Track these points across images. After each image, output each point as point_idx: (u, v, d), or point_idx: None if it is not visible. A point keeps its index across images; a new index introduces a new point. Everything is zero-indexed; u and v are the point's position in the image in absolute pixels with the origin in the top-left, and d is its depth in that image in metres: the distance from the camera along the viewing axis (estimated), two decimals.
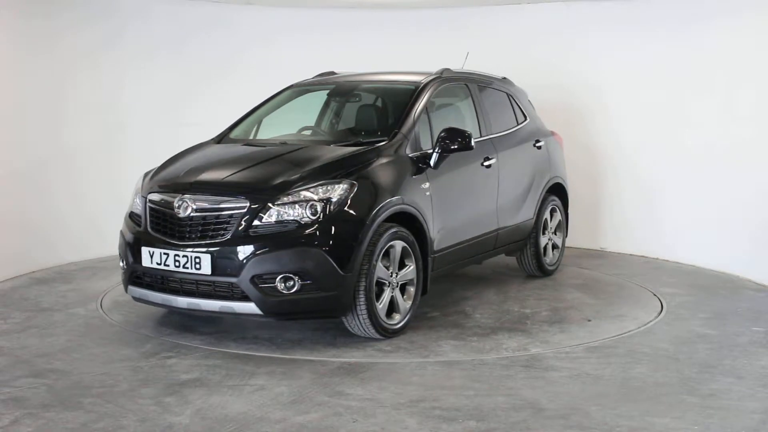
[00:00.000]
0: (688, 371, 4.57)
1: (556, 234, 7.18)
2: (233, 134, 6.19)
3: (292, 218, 4.77)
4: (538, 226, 6.82)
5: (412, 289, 5.25)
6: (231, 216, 4.80)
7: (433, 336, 5.21)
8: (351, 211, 4.86)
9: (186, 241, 4.85)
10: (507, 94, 6.87)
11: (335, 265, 4.73)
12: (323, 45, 8.41)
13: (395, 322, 5.15)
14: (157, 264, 4.91)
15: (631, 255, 7.99)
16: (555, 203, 7.12)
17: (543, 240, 6.94)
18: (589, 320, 5.47)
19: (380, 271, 4.97)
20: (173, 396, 4.11)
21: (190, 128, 7.23)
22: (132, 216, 5.33)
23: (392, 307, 5.16)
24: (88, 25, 7.58)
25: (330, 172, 4.99)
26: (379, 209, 4.96)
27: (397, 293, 5.15)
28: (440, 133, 5.55)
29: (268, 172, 5.04)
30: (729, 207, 7.18)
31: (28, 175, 7.05)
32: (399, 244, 5.10)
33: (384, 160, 5.24)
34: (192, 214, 4.89)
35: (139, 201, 5.29)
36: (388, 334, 5.08)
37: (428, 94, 5.85)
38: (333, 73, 6.76)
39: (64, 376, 4.41)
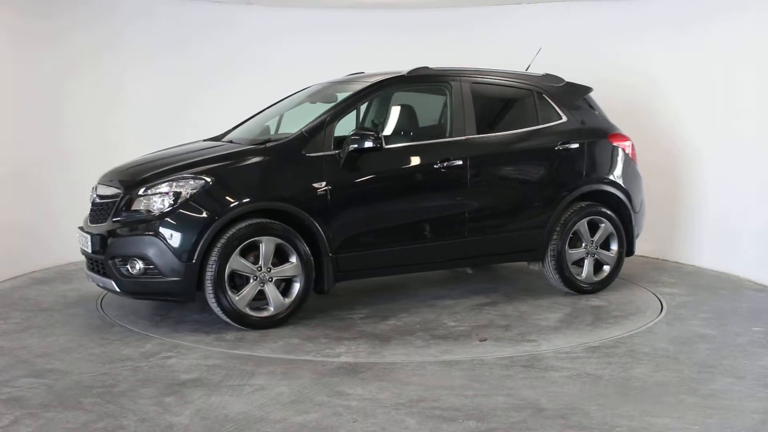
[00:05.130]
0: (688, 371, 4.57)
1: (609, 250, 6.41)
2: (233, 132, 6.29)
3: (148, 209, 5.21)
4: (561, 238, 6.16)
5: (297, 285, 5.38)
6: (113, 204, 5.37)
7: (290, 333, 5.22)
8: (198, 205, 5.17)
9: (89, 224, 5.55)
10: (535, 92, 6.32)
11: (173, 254, 5.10)
12: (324, 45, 8.40)
13: (266, 315, 5.31)
14: (79, 243, 5.68)
15: None
16: (598, 214, 6.30)
17: (574, 254, 6.26)
18: (484, 340, 5.15)
19: (237, 263, 5.19)
20: (173, 396, 4.11)
21: (190, 129, 7.22)
22: None
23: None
24: (89, 25, 7.59)
25: (193, 168, 5.32)
26: (233, 205, 5.21)
27: (271, 288, 5.30)
28: (350, 133, 5.54)
29: (150, 167, 5.50)
30: (729, 207, 7.18)
31: (27, 174, 7.05)
32: (269, 240, 5.24)
33: (261, 159, 5.43)
34: (96, 201, 5.58)
35: None
36: (248, 325, 5.26)
37: (365, 95, 5.90)
38: (362, 73, 6.71)
39: (64, 376, 4.41)
